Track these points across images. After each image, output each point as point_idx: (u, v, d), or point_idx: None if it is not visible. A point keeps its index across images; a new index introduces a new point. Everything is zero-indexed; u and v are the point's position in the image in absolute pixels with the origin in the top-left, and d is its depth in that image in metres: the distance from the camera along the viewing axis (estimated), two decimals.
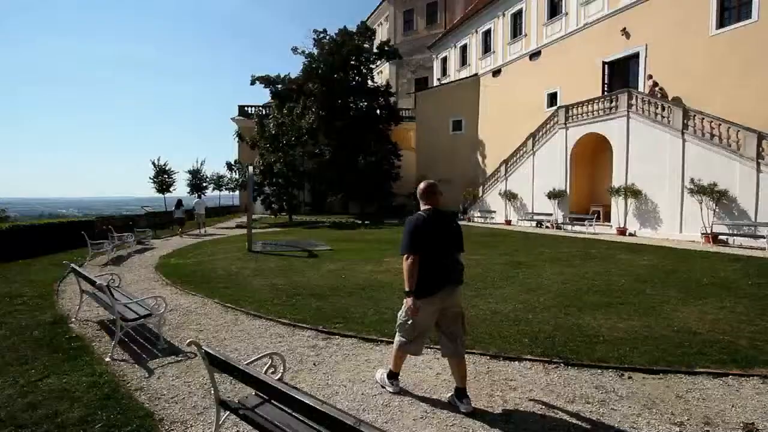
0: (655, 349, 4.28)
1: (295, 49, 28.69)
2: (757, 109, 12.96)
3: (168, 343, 4.68)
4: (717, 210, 12.46)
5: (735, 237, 11.85)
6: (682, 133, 13.50)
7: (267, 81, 28.46)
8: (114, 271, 8.54)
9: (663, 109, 14.28)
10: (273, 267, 9.46)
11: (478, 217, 23.07)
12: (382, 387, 3.54)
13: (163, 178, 24.71)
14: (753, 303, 5.92)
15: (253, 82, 28.67)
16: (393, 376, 3.50)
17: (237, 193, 33.80)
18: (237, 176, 29.16)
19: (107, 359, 4.22)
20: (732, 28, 14.23)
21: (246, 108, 32.82)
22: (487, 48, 27.16)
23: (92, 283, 4.85)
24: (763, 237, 10.99)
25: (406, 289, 3.08)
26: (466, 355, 3.36)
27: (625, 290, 6.78)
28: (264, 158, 23.14)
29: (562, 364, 3.99)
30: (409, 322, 3.22)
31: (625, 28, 17.75)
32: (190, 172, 28.58)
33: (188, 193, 28.53)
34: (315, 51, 28.29)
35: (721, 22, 14.58)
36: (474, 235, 15.44)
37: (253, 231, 13.62)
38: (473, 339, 4.63)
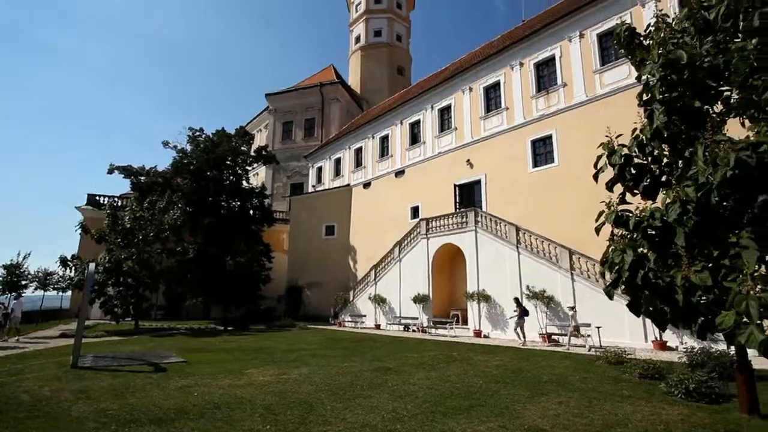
0: None
1: (166, 143, 27.54)
2: (566, 231, 16.32)
3: None
4: (548, 313, 14.64)
5: (563, 336, 13.88)
6: (517, 247, 16.15)
7: (128, 171, 26.20)
8: None
9: (501, 225, 17.07)
10: (105, 386, 7.78)
11: (348, 321, 22.95)
12: None
13: None
14: (581, 396, 6.82)
15: (111, 171, 26.01)
16: None
17: (69, 294, 28.13)
18: (73, 274, 24.57)
19: None
20: (542, 169, 18.40)
21: (97, 197, 29.30)
22: (358, 163, 29.94)
23: None
24: (584, 336, 13.07)
25: None
26: None
27: (482, 391, 7.23)
28: (112, 254, 20.19)
29: None
30: None
31: (469, 160, 21.57)
32: (5, 267, 23.31)
33: None
34: (188, 147, 27.59)
35: (535, 163, 18.80)
36: (345, 341, 15.17)
37: (85, 341, 11.27)
38: None
